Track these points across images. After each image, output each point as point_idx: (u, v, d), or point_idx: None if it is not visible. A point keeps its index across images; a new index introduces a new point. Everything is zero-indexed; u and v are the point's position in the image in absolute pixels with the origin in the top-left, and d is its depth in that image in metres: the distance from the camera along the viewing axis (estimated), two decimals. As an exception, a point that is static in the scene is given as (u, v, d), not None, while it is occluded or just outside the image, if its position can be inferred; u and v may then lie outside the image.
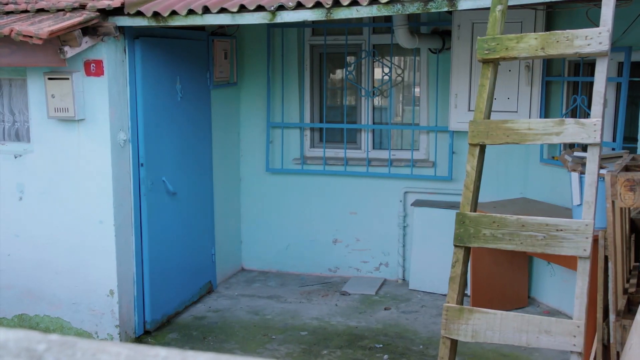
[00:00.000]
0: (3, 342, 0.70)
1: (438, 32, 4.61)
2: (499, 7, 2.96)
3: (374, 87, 4.94)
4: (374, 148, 4.98)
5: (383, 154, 4.90)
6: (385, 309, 4.45)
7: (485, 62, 2.92)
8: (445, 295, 4.57)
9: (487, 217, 2.77)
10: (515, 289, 4.43)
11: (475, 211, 2.85)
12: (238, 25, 4.58)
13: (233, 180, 5.14)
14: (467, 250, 2.84)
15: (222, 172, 4.92)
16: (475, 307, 2.82)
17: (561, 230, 2.57)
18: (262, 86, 5.04)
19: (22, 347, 0.70)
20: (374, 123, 4.96)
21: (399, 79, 4.96)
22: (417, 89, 4.90)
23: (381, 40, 4.84)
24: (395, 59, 4.92)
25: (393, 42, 4.66)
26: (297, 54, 5.00)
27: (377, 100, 5.07)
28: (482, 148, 2.91)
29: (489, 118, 2.94)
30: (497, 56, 2.87)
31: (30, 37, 3.42)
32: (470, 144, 2.89)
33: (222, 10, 3.57)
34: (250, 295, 4.71)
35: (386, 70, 4.88)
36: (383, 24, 4.77)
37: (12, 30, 3.46)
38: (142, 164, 4.03)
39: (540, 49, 2.78)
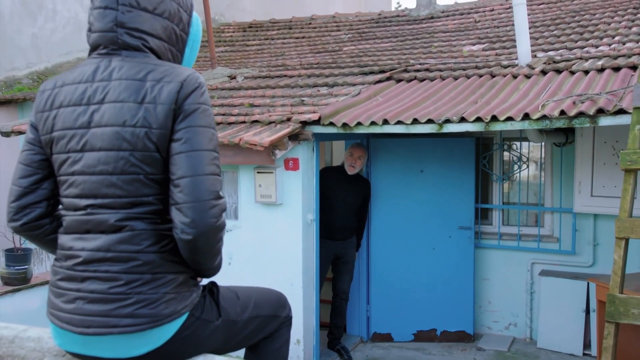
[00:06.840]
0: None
1: (562, 129, 5.43)
2: (638, 127, 3.76)
3: (503, 173, 5.79)
4: (503, 224, 5.81)
5: (512, 230, 5.71)
6: (519, 364, 5.17)
7: (628, 171, 3.71)
8: (570, 354, 5.27)
9: (634, 298, 3.51)
10: None
11: (622, 293, 3.60)
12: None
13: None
14: (617, 325, 3.57)
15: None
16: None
17: (701, 311, 3.28)
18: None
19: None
20: (504, 203, 5.79)
21: (525, 166, 5.80)
22: (542, 175, 5.71)
23: (511, 134, 5.71)
24: (523, 147, 5.76)
25: (522, 137, 5.52)
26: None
27: (507, 184, 5.91)
28: (627, 241, 3.68)
29: (631, 216, 3.72)
30: (639, 167, 3.66)
31: (255, 145, 4.51)
32: (617, 238, 3.66)
33: (399, 122, 4.54)
34: (399, 347, 5.55)
35: (514, 158, 5.74)
36: (514, 122, 5.66)
37: (240, 139, 4.56)
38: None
39: (677, 162, 3.54)
